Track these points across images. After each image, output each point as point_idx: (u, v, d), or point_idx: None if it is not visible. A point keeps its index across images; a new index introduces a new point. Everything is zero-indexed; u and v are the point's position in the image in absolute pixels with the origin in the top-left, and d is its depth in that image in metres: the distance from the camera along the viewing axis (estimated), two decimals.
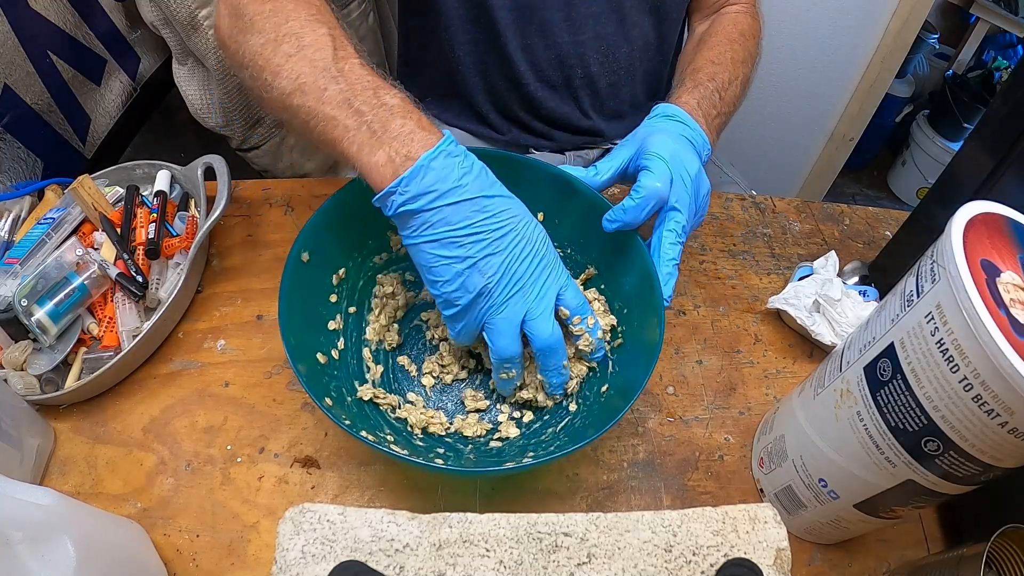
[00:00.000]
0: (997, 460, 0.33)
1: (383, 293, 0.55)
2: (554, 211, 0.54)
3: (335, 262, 0.51)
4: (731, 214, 0.70)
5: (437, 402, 0.53)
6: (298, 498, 0.48)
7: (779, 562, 0.36)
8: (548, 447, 0.47)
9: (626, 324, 0.51)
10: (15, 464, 0.45)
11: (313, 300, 0.50)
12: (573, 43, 0.67)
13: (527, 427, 0.51)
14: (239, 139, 0.96)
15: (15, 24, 0.68)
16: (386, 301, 0.55)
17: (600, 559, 0.35)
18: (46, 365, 0.51)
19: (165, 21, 0.83)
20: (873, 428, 0.38)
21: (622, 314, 0.52)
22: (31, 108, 0.72)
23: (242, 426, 0.52)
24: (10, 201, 0.62)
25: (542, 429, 0.50)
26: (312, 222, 0.48)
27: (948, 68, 1.96)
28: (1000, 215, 0.35)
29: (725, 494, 0.51)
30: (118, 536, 0.42)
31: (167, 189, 0.62)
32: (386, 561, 0.35)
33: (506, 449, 0.49)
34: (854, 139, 1.44)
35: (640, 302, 0.49)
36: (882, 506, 0.41)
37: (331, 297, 0.51)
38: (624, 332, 0.51)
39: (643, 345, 0.47)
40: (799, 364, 0.59)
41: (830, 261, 0.62)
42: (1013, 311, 0.31)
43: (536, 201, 0.48)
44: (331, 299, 0.51)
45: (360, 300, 0.54)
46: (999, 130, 0.49)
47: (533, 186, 0.51)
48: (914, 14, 1.22)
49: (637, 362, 0.47)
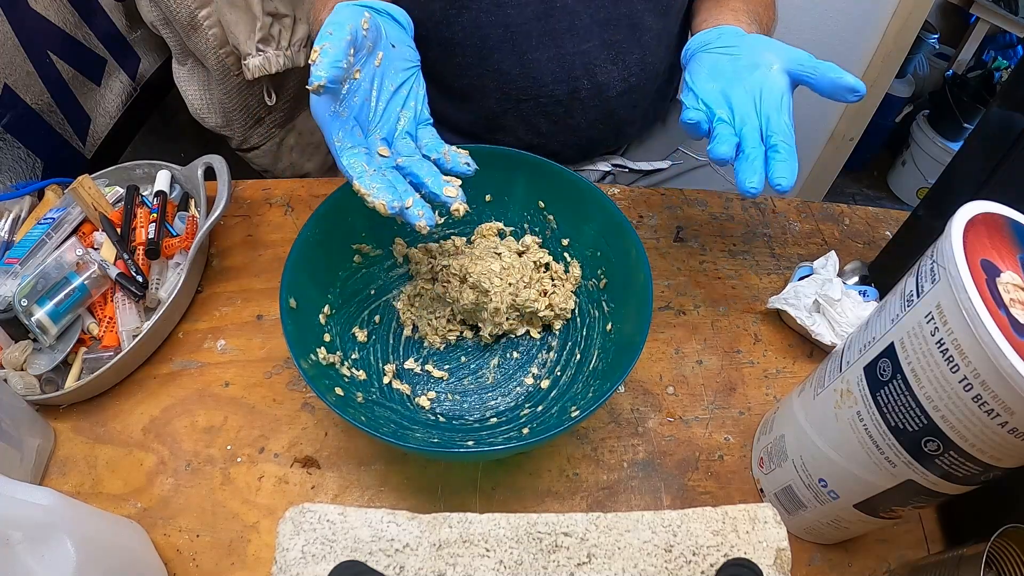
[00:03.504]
0: (997, 460, 0.33)
1: None
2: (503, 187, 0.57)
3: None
4: (731, 214, 0.70)
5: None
6: (298, 498, 0.48)
7: (779, 562, 0.36)
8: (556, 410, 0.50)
9: (605, 264, 0.54)
10: (15, 464, 0.45)
11: None
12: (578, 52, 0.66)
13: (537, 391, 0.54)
14: (239, 139, 0.96)
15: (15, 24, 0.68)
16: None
17: (600, 559, 0.35)
18: (46, 365, 0.51)
19: (165, 21, 0.83)
20: (873, 428, 0.38)
21: (596, 257, 0.55)
22: (31, 108, 0.72)
23: (242, 426, 0.52)
24: (10, 201, 0.62)
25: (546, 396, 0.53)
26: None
27: (948, 68, 1.95)
28: (1000, 215, 0.35)
29: (725, 494, 0.51)
30: (118, 536, 0.42)
31: (167, 189, 0.62)
32: (386, 561, 0.35)
33: (506, 424, 0.51)
34: (854, 139, 1.44)
35: (612, 240, 0.52)
36: (882, 506, 0.41)
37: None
38: (606, 272, 0.55)
39: (630, 277, 0.51)
40: (799, 364, 0.59)
41: (830, 261, 0.62)
42: (1013, 311, 0.31)
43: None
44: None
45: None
46: (999, 130, 0.49)
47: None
48: (914, 14, 1.22)
49: (628, 296, 0.51)
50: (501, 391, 0.54)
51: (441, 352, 0.56)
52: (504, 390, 0.54)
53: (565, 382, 0.53)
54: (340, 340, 0.51)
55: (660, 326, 0.60)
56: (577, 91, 0.66)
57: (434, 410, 0.52)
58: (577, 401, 0.49)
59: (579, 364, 0.53)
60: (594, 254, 0.55)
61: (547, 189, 0.55)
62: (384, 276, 0.57)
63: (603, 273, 0.55)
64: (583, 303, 0.56)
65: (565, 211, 0.56)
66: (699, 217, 0.70)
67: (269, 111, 0.97)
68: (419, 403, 0.52)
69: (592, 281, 0.56)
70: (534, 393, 0.53)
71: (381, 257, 0.56)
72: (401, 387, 0.52)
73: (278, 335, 0.57)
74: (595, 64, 0.65)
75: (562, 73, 0.65)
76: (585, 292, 0.56)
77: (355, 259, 0.54)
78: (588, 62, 0.65)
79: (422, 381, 0.54)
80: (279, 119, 0.99)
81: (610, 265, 0.54)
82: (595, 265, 0.56)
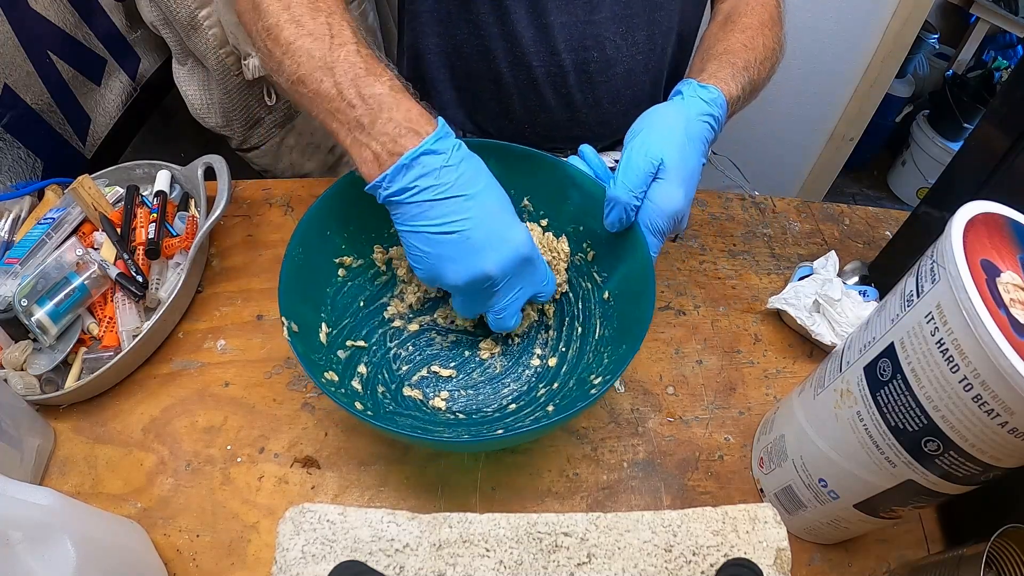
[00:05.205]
0: (997, 460, 0.33)
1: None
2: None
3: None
4: (731, 214, 0.70)
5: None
6: (298, 498, 0.48)
7: (779, 562, 0.36)
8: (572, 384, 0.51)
9: (589, 237, 0.54)
10: (15, 464, 0.45)
11: None
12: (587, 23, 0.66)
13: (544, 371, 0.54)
14: (239, 139, 0.96)
15: (15, 24, 0.68)
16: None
17: (600, 559, 0.35)
18: (46, 365, 0.51)
19: (165, 21, 0.83)
20: (873, 428, 0.38)
21: (579, 231, 0.55)
22: (31, 108, 0.72)
23: (242, 426, 0.52)
24: (10, 201, 0.62)
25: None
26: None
27: (948, 68, 1.96)
28: (1000, 215, 0.35)
29: (725, 494, 0.51)
30: (118, 536, 0.42)
31: (167, 189, 0.62)
32: (386, 561, 0.35)
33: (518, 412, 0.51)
34: (854, 139, 1.44)
35: (594, 211, 0.51)
36: (882, 506, 0.41)
37: None
38: (592, 244, 0.55)
39: (617, 237, 0.51)
40: (799, 364, 0.59)
41: (830, 261, 0.62)
42: (1013, 311, 0.31)
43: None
44: None
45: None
46: (999, 130, 0.49)
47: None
48: (914, 14, 1.22)
49: (622, 255, 0.51)
50: (512, 376, 0.54)
51: (445, 351, 0.55)
52: (514, 375, 0.54)
53: (573, 356, 0.53)
54: (346, 359, 0.51)
55: (660, 326, 0.60)
56: (587, 63, 0.66)
57: (451, 409, 0.52)
58: (594, 370, 0.49)
59: (583, 337, 0.53)
60: (576, 229, 0.55)
61: (518, 173, 0.54)
62: (370, 286, 0.56)
63: (589, 246, 0.55)
64: (572, 277, 0.56)
65: (539, 192, 0.56)
66: (699, 217, 0.70)
67: (269, 111, 0.97)
68: (434, 405, 0.51)
69: (579, 256, 0.56)
70: (544, 373, 0.53)
71: (363, 267, 0.55)
72: (413, 393, 0.52)
73: (278, 335, 0.57)
74: (605, 37, 0.65)
75: (573, 41, 0.65)
76: (574, 267, 0.56)
77: (339, 273, 0.53)
78: (599, 33, 0.65)
79: (431, 383, 0.53)
80: (279, 119, 0.99)
81: (595, 236, 0.54)
82: (579, 239, 0.55)
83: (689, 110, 0.51)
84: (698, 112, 0.51)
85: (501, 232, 0.44)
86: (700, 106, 0.51)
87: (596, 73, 0.67)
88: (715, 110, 0.51)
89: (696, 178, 0.50)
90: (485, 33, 0.65)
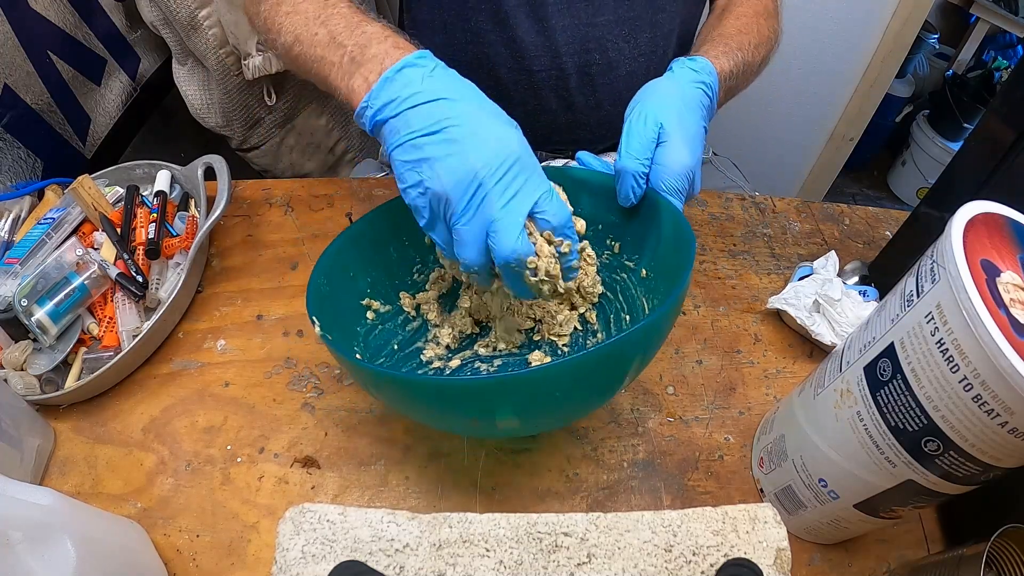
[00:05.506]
0: (997, 460, 0.33)
1: None
2: None
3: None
4: (731, 214, 0.70)
5: None
6: (298, 498, 0.48)
7: (779, 562, 0.36)
8: None
9: (611, 231, 0.53)
10: (15, 464, 0.45)
11: None
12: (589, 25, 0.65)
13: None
14: (239, 139, 0.97)
15: (15, 24, 0.68)
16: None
17: (600, 559, 0.35)
18: (46, 365, 0.51)
19: (165, 21, 0.83)
20: (873, 428, 0.38)
21: (599, 230, 0.54)
22: (31, 108, 0.72)
23: (242, 426, 0.52)
24: (10, 201, 0.62)
25: None
26: None
27: (948, 68, 1.96)
28: (1000, 215, 0.35)
29: (725, 494, 0.51)
30: (118, 536, 0.42)
31: (167, 189, 0.62)
32: (386, 561, 0.35)
33: None
34: (854, 139, 1.44)
35: (609, 203, 0.51)
36: (882, 506, 0.41)
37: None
38: (615, 237, 0.53)
39: (640, 210, 0.49)
40: (799, 364, 0.59)
41: (830, 261, 0.62)
42: (1013, 311, 0.31)
43: None
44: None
45: None
46: (999, 130, 0.49)
47: None
48: (914, 14, 1.22)
49: (649, 227, 0.49)
50: None
51: (486, 357, 0.54)
52: None
53: (625, 329, 0.51)
54: None
55: None
56: (588, 65, 0.66)
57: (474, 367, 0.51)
58: (646, 307, 0.49)
59: (633, 322, 0.52)
60: (596, 230, 0.53)
61: None
62: (402, 331, 0.53)
63: (612, 240, 0.53)
64: (605, 277, 0.54)
65: None
66: (699, 217, 0.70)
67: (269, 111, 0.97)
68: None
69: (606, 254, 0.54)
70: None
71: (392, 312, 0.53)
72: None
73: (278, 335, 0.57)
74: (607, 39, 0.65)
75: (576, 44, 0.65)
76: (604, 267, 0.54)
77: (368, 316, 0.51)
78: (601, 36, 0.65)
79: None
80: (279, 119, 0.99)
81: (615, 228, 0.52)
82: (601, 238, 0.54)
83: (680, 79, 0.52)
84: (689, 80, 0.52)
85: (488, 128, 0.40)
86: (690, 74, 0.52)
87: (598, 75, 0.68)
88: (705, 77, 0.52)
89: (699, 141, 0.49)
90: (484, 40, 0.65)
